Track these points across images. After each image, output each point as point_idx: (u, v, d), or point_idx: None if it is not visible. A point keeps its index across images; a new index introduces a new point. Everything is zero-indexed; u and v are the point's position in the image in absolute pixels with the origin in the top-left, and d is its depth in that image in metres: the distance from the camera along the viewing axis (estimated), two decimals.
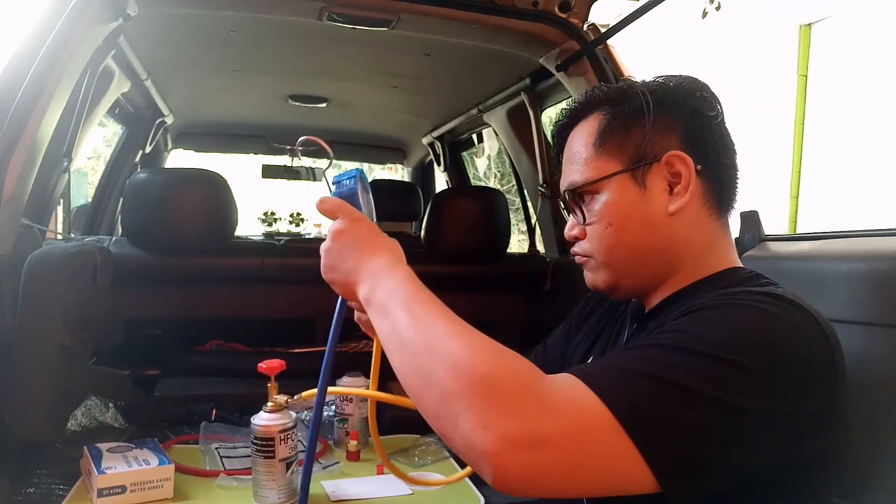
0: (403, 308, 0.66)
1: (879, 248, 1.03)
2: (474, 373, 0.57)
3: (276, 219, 4.00)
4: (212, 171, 1.83)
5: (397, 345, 0.65)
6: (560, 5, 1.63)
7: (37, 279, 1.22)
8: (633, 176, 0.80)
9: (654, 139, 0.80)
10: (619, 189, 0.80)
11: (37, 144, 1.27)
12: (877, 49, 4.52)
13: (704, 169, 0.80)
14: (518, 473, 0.55)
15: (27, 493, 1.13)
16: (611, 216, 0.81)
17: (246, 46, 1.98)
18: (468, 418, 0.55)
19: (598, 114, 0.83)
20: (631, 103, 0.81)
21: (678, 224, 0.80)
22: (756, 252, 1.27)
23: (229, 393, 1.65)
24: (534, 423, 0.55)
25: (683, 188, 0.79)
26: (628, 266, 0.83)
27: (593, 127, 0.83)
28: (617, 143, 0.81)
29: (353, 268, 0.75)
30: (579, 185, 0.83)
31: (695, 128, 0.81)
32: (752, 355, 0.60)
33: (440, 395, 0.58)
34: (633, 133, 0.80)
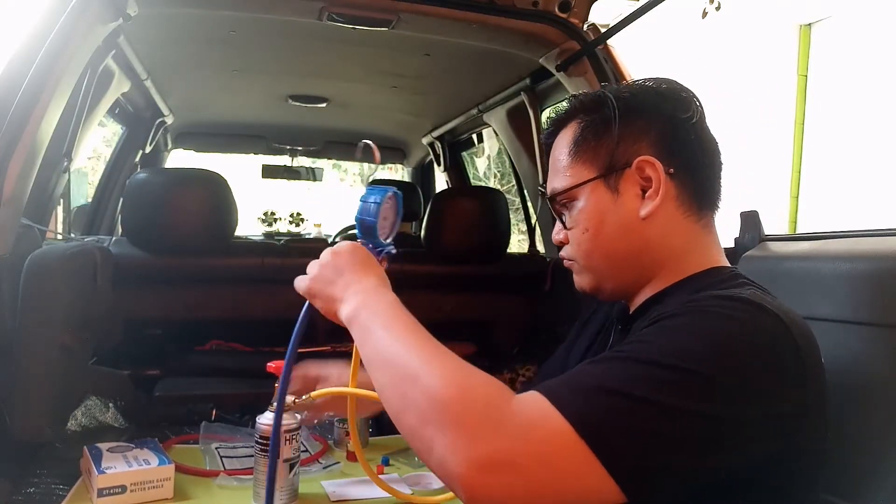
0: (385, 329, 0.71)
1: (879, 248, 1.03)
2: (445, 399, 0.60)
3: (276, 219, 4.01)
4: (212, 171, 1.83)
5: (378, 365, 0.69)
6: (560, 5, 1.63)
7: (37, 279, 1.22)
8: (605, 182, 0.82)
9: (625, 145, 0.81)
10: (593, 195, 0.83)
11: (37, 144, 1.27)
12: (877, 49, 4.52)
13: (678, 171, 0.81)
14: (487, 495, 0.57)
15: (27, 493, 1.13)
16: (587, 222, 0.84)
17: (246, 46, 1.98)
18: (440, 442, 0.59)
19: (575, 122, 0.86)
20: (603, 110, 0.83)
21: (652, 227, 0.81)
22: (756, 252, 1.27)
23: (229, 393, 1.65)
24: (500, 446, 0.57)
25: (654, 192, 0.80)
26: (607, 269, 0.85)
27: (570, 135, 0.86)
28: (591, 150, 0.83)
29: (343, 285, 0.80)
30: (559, 192, 0.86)
31: (668, 131, 0.82)
32: (713, 362, 0.61)
33: (416, 419, 0.62)
34: (605, 140, 0.82)
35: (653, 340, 0.65)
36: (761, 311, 0.67)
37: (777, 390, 0.64)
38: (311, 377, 1.19)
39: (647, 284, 0.84)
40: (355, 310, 0.76)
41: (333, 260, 0.83)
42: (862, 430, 0.96)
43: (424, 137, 3.22)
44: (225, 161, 4.52)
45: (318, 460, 1.35)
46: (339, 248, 0.84)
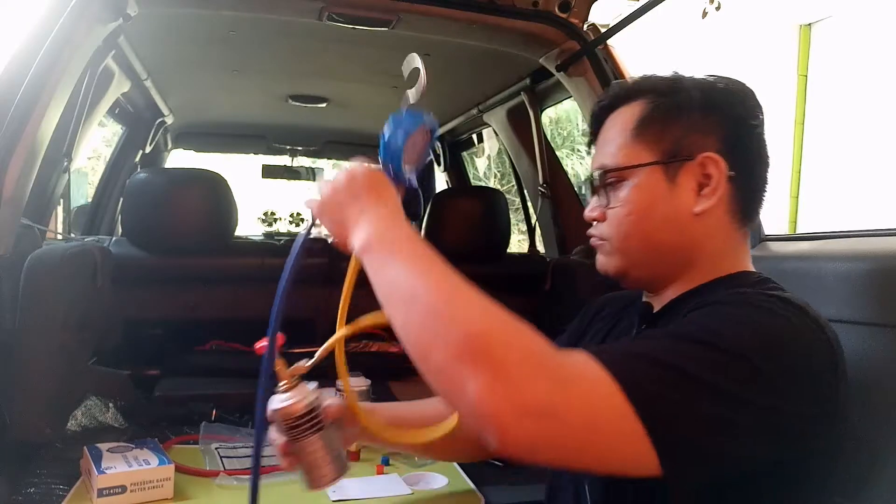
0: (412, 261, 0.65)
1: (879, 248, 1.03)
2: (484, 335, 0.56)
3: (276, 219, 4.01)
4: (212, 171, 1.83)
5: (401, 299, 0.63)
6: (560, 5, 1.63)
7: (37, 279, 1.22)
8: (664, 169, 0.79)
9: (693, 137, 0.79)
10: (648, 180, 0.80)
11: (37, 144, 1.27)
12: (877, 49, 4.52)
13: (737, 176, 0.79)
14: (523, 440, 0.54)
15: (27, 493, 1.13)
16: (634, 204, 0.80)
17: (246, 46, 1.98)
18: (476, 382, 0.54)
19: (642, 101, 0.82)
20: (678, 97, 0.80)
21: (700, 225, 0.79)
22: (756, 252, 1.27)
23: (229, 393, 1.65)
24: (543, 392, 0.54)
25: (712, 191, 0.78)
26: (642, 256, 0.82)
27: (634, 113, 0.82)
28: (655, 133, 0.80)
29: (358, 210, 0.72)
30: (609, 168, 0.82)
31: (736, 133, 0.80)
32: (761, 353, 0.61)
33: (447, 356, 0.56)
34: (673, 127, 0.79)
35: (707, 323, 0.64)
36: (804, 313, 0.68)
37: (813, 391, 0.64)
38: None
39: (676, 281, 0.82)
40: (371, 238, 0.69)
41: (349, 182, 0.74)
42: (862, 429, 0.95)
43: None
44: (225, 161, 4.52)
45: None
46: (356, 170, 0.75)
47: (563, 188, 2.27)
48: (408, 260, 0.65)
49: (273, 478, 1.25)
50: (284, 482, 1.25)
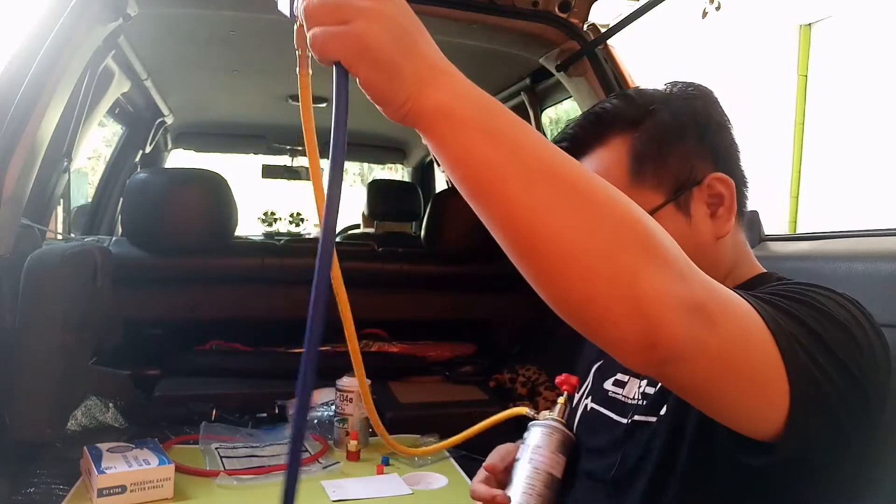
0: (532, 136, 0.49)
1: (879, 248, 1.03)
2: (651, 225, 0.49)
3: (276, 219, 4.01)
4: (212, 171, 1.83)
5: (532, 181, 0.47)
6: (560, 5, 1.63)
7: (37, 279, 1.22)
8: (676, 205, 0.72)
9: (691, 160, 0.73)
10: (668, 222, 0.70)
11: (37, 144, 1.27)
12: (877, 49, 4.52)
13: (736, 183, 0.75)
14: (677, 338, 0.48)
15: (27, 493, 1.13)
16: None
17: (246, 46, 1.98)
18: (647, 269, 0.47)
19: (622, 136, 0.73)
20: (657, 121, 0.73)
21: (723, 246, 0.76)
22: (756, 252, 1.26)
23: (229, 393, 1.65)
24: (704, 292, 0.50)
25: (728, 210, 0.73)
26: None
27: (621, 153, 0.73)
28: (653, 171, 0.72)
29: (420, 57, 0.49)
30: None
31: (721, 142, 0.76)
32: (864, 333, 0.60)
33: (610, 242, 0.47)
34: (669, 157, 0.72)
35: (812, 296, 0.60)
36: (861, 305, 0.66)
37: (883, 381, 0.62)
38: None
39: None
40: (459, 97, 0.49)
41: (397, 9, 0.49)
42: None
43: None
44: (225, 161, 4.52)
45: (318, 460, 1.35)
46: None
47: None
48: (526, 134, 0.49)
49: (273, 478, 1.25)
50: None
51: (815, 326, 0.57)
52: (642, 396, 0.77)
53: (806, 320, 0.56)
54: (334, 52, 0.48)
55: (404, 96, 0.48)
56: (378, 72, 0.48)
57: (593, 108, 0.78)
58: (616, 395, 0.83)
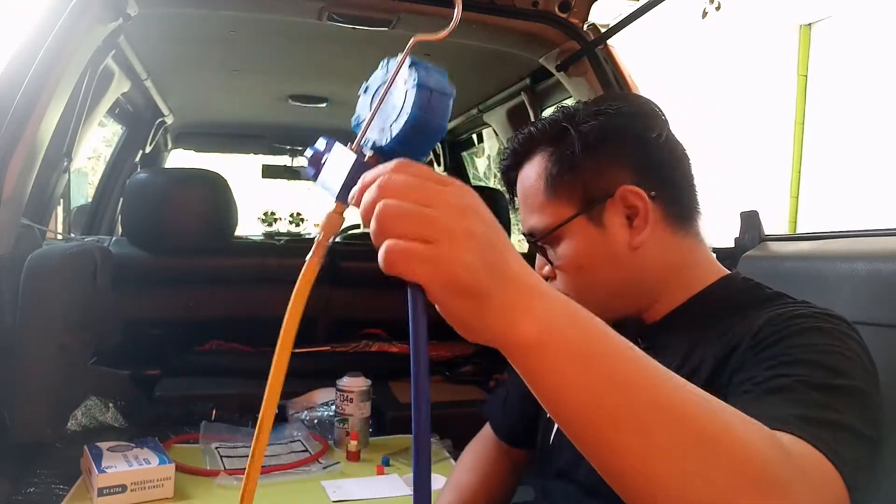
0: (643, 365, 0.44)
1: (879, 248, 1.03)
2: (762, 455, 0.44)
3: (276, 219, 4.01)
4: (212, 171, 1.83)
5: (647, 427, 0.43)
6: (560, 5, 1.63)
7: (37, 279, 1.22)
8: (588, 217, 0.77)
9: (606, 174, 0.77)
10: (578, 233, 0.78)
11: (37, 144, 1.27)
12: (877, 49, 4.52)
13: (659, 192, 0.77)
14: None
15: (27, 493, 1.13)
16: (576, 261, 0.78)
17: (246, 46, 1.98)
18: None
19: (542, 154, 0.80)
20: (571, 141, 0.77)
21: (646, 254, 0.77)
22: (756, 252, 1.27)
23: (229, 393, 1.65)
24: (805, 500, 0.47)
25: (643, 220, 0.76)
26: (607, 301, 0.79)
27: (539, 169, 0.79)
28: (567, 184, 0.77)
29: (510, 278, 0.42)
30: (539, 231, 0.80)
31: (645, 153, 0.78)
32: (867, 382, 0.61)
33: (723, 487, 0.44)
34: (582, 171, 0.77)
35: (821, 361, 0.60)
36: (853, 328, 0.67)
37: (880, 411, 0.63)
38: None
39: (657, 302, 0.80)
40: (551, 324, 0.42)
41: (486, 225, 0.42)
42: None
43: None
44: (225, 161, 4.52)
45: (318, 460, 1.35)
46: (477, 203, 0.43)
47: None
48: (632, 361, 0.44)
49: (273, 478, 1.25)
50: (284, 482, 1.25)
51: (853, 421, 0.56)
52: None
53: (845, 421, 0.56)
54: (414, 275, 0.41)
55: (492, 325, 0.42)
56: (464, 300, 0.41)
57: (525, 129, 0.84)
58: None
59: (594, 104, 0.81)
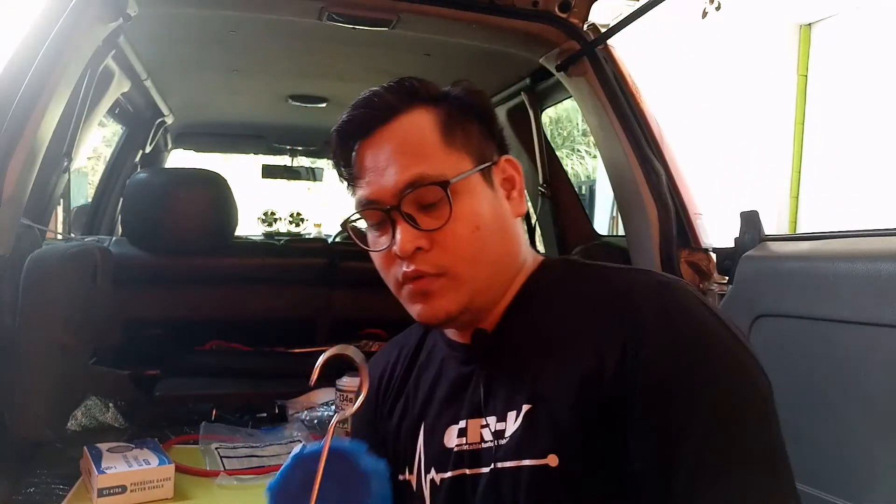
0: None
1: (879, 248, 1.03)
2: None
3: (276, 219, 4.01)
4: (212, 171, 1.83)
5: None
6: (560, 5, 1.63)
7: (37, 279, 1.22)
8: (483, 175, 0.72)
9: (486, 141, 0.74)
10: (478, 188, 0.71)
11: (37, 144, 1.27)
12: (877, 49, 4.52)
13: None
14: None
15: (27, 493, 1.13)
16: (474, 220, 0.69)
17: (246, 46, 1.98)
18: None
19: (426, 107, 0.72)
20: (455, 102, 0.74)
21: (518, 228, 0.75)
22: (756, 252, 1.27)
23: (229, 393, 1.65)
24: None
25: (520, 193, 0.75)
26: (487, 277, 0.71)
27: (428, 120, 0.71)
28: (461, 139, 0.71)
29: None
30: (433, 178, 0.67)
31: (500, 133, 0.77)
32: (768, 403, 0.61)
33: None
34: (471, 132, 0.73)
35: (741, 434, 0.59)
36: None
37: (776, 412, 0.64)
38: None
39: (503, 296, 0.73)
40: None
41: None
42: (862, 429, 0.96)
43: None
44: (225, 161, 4.52)
45: None
46: None
47: (562, 188, 2.27)
48: None
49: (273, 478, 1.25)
50: None
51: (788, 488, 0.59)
52: (495, 435, 0.68)
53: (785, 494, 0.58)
54: None
55: None
56: None
57: (389, 82, 0.74)
58: (463, 447, 0.71)
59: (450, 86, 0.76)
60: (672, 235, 1.48)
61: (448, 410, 0.75)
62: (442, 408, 0.75)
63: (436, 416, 0.76)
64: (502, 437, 0.67)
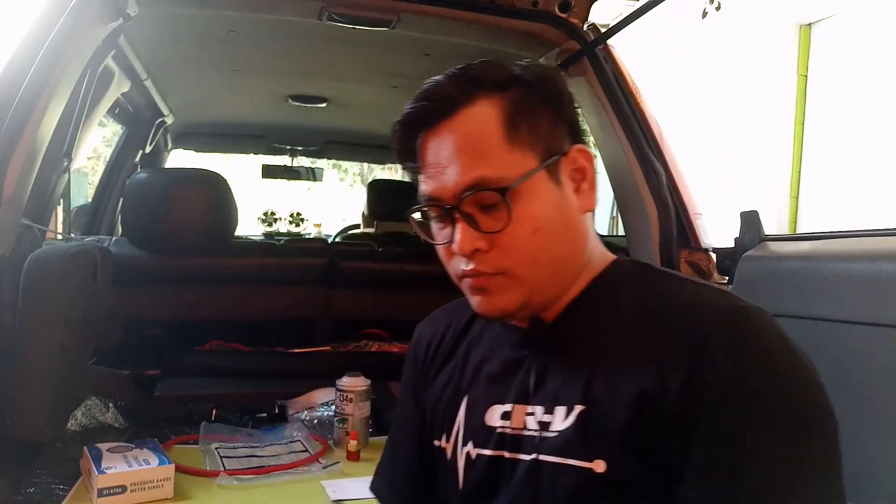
0: None
1: (879, 248, 1.03)
2: None
3: (276, 219, 4.01)
4: (212, 171, 1.83)
5: None
6: (560, 5, 1.63)
7: (37, 279, 1.22)
8: (549, 172, 0.68)
9: (557, 130, 0.70)
10: (542, 187, 0.67)
11: (37, 144, 1.27)
12: (877, 49, 4.52)
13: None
14: None
15: (27, 493, 1.13)
16: (534, 222, 0.66)
17: (246, 46, 1.98)
18: None
19: (490, 97, 0.68)
20: (524, 87, 0.70)
21: (585, 224, 0.72)
22: (756, 252, 1.27)
23: (229, 393, 1.65)
24: None
25: (591, 185, 0.71)
26: (548, 277, 0.69)
27: (492, 113, 0.67)
28: (527, 133, 0.67)
29: None
30: (494, 182, 0.65)
31: (574, 116, 0.73)
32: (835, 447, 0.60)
33: None
34: (540, 123, 0.69)
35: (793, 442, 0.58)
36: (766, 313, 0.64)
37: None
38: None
39: (567, 290, 0.72)
40: None
41: None
42: (862, 429, 0.95)
43: None
44: (225, 161, 4.52)
45: (318, 460, 1.35)
46: None
47: None
48: None
49: (273, 478, 1.25)
50: (284, 482, 1.25)
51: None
52: (540, 426, 0.68)
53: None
54: None
55: None
56: None
57: (453, 69, 0.73)
58: (506, 430, 0.71)
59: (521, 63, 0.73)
60: (672, 235, 1.48)
61: (494, 390, 0.74)
62: (489, 386, 0.75)
63: (481, 393, 0.75)
64: (547, 430, 0.67)
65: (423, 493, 0.84)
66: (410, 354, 0.88)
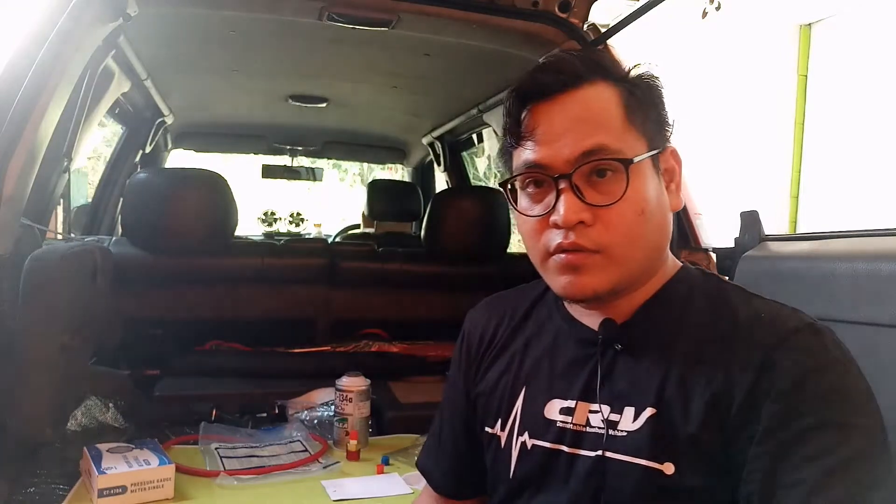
0: None
1: (879, 248, 1.03)
2: None
3: (276, 219, 4.01)
4: (212, 171, 1.83)
5: None
6: (560, 5, 1.63)
7: (37, 279, 1.22)
8: (653, 161, 0.70)
9: (661, 128, 0.72)
10: (648, 173, 0.69)
11: (37, 144, 1.27)
12: (877, 49, 4.52)
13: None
14: None
15: (27, 493, 1.13)
16: (640, 204, 0.67)
17: (246, 46, 1.98)
18: None
19: (608, 82, 0.70)
20: (639, 81, 0.72)
21: (671, 223, 0.74)
22: (756, 252, 1.27)
23: (229, 393, 1.65)
24: None
25: (678, 186, 0.73)
26: (639, 264, 0.69)
27: (612, 95, 0.69)
28: (641, 120, 0.69)
29: None
30: (613, 152, 0.66)
31: (667, 123, 0.74)
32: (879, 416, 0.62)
33: None
34: (651, 115, 0.71)
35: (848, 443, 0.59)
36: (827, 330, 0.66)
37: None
38: None
39: (640, 289, 0.72)
40: None
41: None
42: None
43: (424, 137, 3.21)
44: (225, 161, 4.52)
45: (318, 460, 1.35)
46: None
47: None
48: None
49: (273, 478, 1.25)
50: (284, 482, 1.25)
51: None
52: (607, 424, 0.69)
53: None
54: None
55: None
56: None
57: (574, 53, 0.76)
58: (566, 425, 0.72)
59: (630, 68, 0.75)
60: (672, 235, 1.48)
61: (556, 384, 0.75)
62: (550, 380, 0.75)
63: (542, 386, 0.76)
64: (614, 428, 0.68)
65: (465, 475, 0.87)
66: (462, 342, 0.89)
